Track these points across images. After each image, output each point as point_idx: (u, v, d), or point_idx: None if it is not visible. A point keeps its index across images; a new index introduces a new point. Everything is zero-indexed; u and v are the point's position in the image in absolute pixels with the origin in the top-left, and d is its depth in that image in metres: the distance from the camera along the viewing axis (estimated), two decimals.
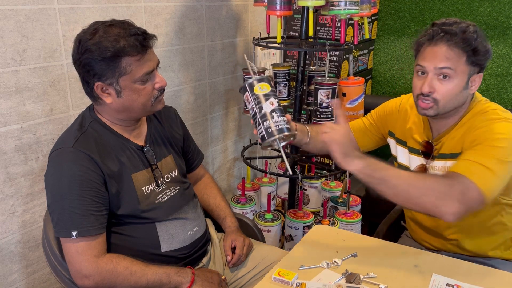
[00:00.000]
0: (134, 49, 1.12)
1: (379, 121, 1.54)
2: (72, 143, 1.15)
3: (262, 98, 1.13)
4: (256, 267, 1.41)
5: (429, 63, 1.26)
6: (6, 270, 1.58)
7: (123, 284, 1.15)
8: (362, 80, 2.01)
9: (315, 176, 2.36)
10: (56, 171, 1.15)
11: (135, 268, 1.16)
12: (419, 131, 1.41)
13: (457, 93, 1.26)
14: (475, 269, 1.16)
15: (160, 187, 1.29)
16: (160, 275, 1.17)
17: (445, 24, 1.26)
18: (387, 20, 2.99)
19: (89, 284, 1.13)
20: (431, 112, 1.28)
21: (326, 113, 2.03)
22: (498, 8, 2.63)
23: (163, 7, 1.98)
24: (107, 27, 1.13)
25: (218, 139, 2.51)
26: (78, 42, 1.14)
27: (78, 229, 1.11)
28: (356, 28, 1.98)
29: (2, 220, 1.54)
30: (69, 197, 1.11)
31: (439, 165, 1.35)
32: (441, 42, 1.24)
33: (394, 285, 1.09)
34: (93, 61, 1.12)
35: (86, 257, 1.12)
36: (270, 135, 1.11)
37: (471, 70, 1.25)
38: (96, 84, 1.15)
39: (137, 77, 1.15)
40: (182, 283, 1.19)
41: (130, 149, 1.25)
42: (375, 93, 3.18)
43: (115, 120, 1.24)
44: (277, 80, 2.19)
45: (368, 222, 2.38)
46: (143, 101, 1.19)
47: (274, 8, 1.89)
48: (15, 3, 1.45)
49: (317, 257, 1.19)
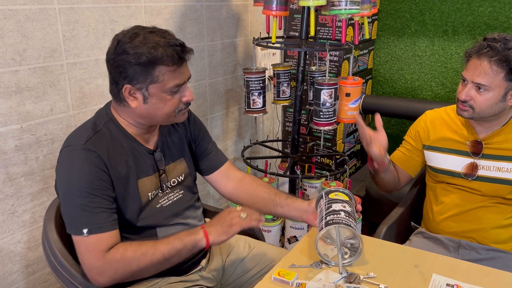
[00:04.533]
0: (170, 59, 1.12)
1: (415, 142, 1.66)
2: (84, 141, 1.15)
3: (334, 202, 1.18)
4: (256, 266, 1.41)
5: (469, 75, 1.40)
6: (6, 270, 1.58)
7: (140, 268, 1.12)
8: (362, 80, 2.02)
9: (315, 176, 2.36)
10: (67, 169, 1.14)
11: (145, 248, 1.13)
12: (461, 134, 1.54)
13: (493, 104, 1.39)
14: (475, 269, 1.16)
15: (165, 191, 1.29)
16: (172, 243, 1.14)
17: (494, 40, 1.36)
18: (387, 20, 2.99)
19: (104, 281, 1.10)
20: (466, 114, 1.44)
21: (329, 113, 2.03)
22: (498, 8, 2.63)
23: (163, 7, 1.98)
24: (148, 33, 1.12)
25: (218, 139, 2.51)
26: (116, 42, 1.14)
27: (89, 226, 1.10)
28: (356, 28, 1.98)
29: (2, 220, 1.54)
30: (80, 194, 1.11)
31: (488, 164, 1.48)
32: (484, 57, 1.36)
33: (394, 285, 1.09)
34: (128, 64, 1.11)
35: (94, 253, 1.10)
36: (328, 224, 1.12)
37: (509, 85, 1.37)
38: (125, 87, 1.14)
39: (168, 87, 1.15)
40: (197, 240, 1.15)
41: (141, 153, 1.24)
42: (375, 93, 3.18)
43: (133, 122, 1.23)
44: (280, 80, 2.19)
45: (368, 222, 2.38)
46: (168, 111, 1.19)
47: (271, 7, 1.89)
48: (15, 3, 1.45)
49: (316, 257, 1.19)
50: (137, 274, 1.14)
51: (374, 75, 3.14)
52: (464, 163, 1.52)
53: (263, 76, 2.15)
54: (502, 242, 1.50)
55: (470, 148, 1.51)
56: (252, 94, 2.13)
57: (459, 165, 1.53)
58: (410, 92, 3.04)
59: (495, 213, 1.49)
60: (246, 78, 2.13)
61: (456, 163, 1.53)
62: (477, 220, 1.51)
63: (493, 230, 1.49)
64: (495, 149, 1.48)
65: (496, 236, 1.49)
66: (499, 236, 1.49)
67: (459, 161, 1.53)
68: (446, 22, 2.80)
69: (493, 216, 1.49)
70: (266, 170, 2.31)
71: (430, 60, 2.92)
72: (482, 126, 1.50)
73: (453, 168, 1.54)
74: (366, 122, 3.22)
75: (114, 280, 1.12)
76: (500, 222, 1.49)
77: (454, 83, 2.86)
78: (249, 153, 2.68)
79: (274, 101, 2.27)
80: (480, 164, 1.49)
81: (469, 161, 1.51)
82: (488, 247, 1.49)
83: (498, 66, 1.34)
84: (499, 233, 1.49)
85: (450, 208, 1.56)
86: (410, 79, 3.02)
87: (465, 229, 1.52)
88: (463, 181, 1.53)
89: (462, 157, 1.52)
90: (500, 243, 1.49)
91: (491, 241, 1.49)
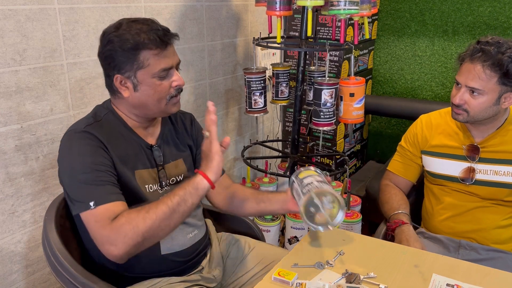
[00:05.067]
0: (153, 43, 1.14)
1: (413, 147, 1.65)
2: (83, 126, 1.17)
3: (305, 178, 1.21)
4: (256, 266, 1.41)
5: (462, 79, 1.41)
6: (6, 270, 1.58)
7: (147, 226, 1.07)
8: (364, 79, 2.01)
9: None
10: (68, 152, 1.15)
11: (147, 206, 1.09)
12: (456, 138, 1.53)
13: (487, 107, 1.39)
14: (475, 269, 1.16)
15: (164, 188, 1.28)
16: (173, 192, 1.11)
17: (487, 43, 1.36)
18: (387, 20, 2.99)
19: (118, 251, 1.07)
20: (461, 118, 1.45)
21: (329, 113, 2.03)
22: (498, 8, 2.63)
23: (163, 7, 1.98)
24: (131, 22, 1.17)
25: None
26: (102, 35, 1.18)
27: (96, 198, 1.10)
28: (356, 28, 1.98)
29: (2, 220, 1.54)
30: (83, 171, 1.11)
31: (485, 168, 1.48)
32: (478, 61, 1.36)
33: (394, 285, 1.09)
34: (114, 53, 1.15)
35: (102, 223, 1.08)
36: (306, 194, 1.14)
37: (502, 89, 1.36)
38: (116, 77, 1.18)
39: (155, 72, 1.17)
40: (197, 181, 1.12)
41: (139, 146, 1.26)
42: (375, 93, 3.18)
43: (131, 115, 1.25)
44: (279, 80, 2.19)
45: (368, 222, 2.38)
46: (158, 97, 1.20)
47: (274, 8, 1.89)
48: (15, 3, 1.45)
49: (316, 257, 1.19)
50: (148, 235, 1.08)
51: (374, 75, 3.14)
52: (461, 168, 1.52)
53: (264, 76, 2.15)
54: (502, 243, 1.50)
55: (466, 152, 1.51)
56: (253, 94, 2.13)
57: (456, 170, 1.52)
58: (410, 92, 3.04)
59: (494, 213, 1.49)
60: (247, 78, 2.13)
61: (453, 168, 1.53)
62: (476, 220, 1.51)
63: (492, 231, 1.49)
64: (491, 152, 1.48)
65: (496, 237, 1.49)
66: (499, 237, 1.49)
67: (456, 165, 1.53)
68: (446, 22, 2.81)
69: (492, 217, 1.49)
70: (266, 170, 2.31)
71: (430, 60, 2.92)
72: (477, 129, 1.50)
73: (450, 173, 1.54)
74: (366, 122, 3.22)
75: (128, 247, 1.07)
76: (499, 222, 1.49)
77: (454, 83, 2.86)
78: (249, 153, 2.68)
79: (272, 101, 2.27)
80: (477, 168, 1.49)
81: (466, 165, 1.51)
82: (488, 247, 1.49)
83: (492, 70, 1.33)
84: (499, 233, 1.49)
85: (449, 209, 1.56)
86: (410, 79, 3.02)
87: (465, 229, 1.52)
88: (460, 185, 1.53)
89: (458, 161, 1.52)
90: (500, 244, 1.49)
91: (491, 242, 1.49)
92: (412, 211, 1.64)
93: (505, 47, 1.34)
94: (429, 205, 1.63)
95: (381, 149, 3.29)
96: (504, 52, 1.33)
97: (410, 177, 1.67)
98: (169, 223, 1.10)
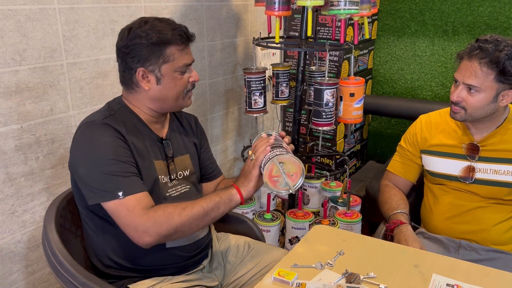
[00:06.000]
0: (179, 38, 1.22)
1: (413, 147, 1.65)
2: (101, 119, 1.20)
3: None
4: (255, 266, 1.41)
5: (460, 76, 1.41)
6: (6, 270, 1.58)
7: (181, 221, 1.14)
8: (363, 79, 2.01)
9: (315, 176, 2.36)
10: (87, 141, 1.17)
11: (184, 204, 1.17)
12: (456, 137, 1.54)
13: (484, 105, 1.39)
14: (475, 269, 1.16)
15: (173, 181, 1.31)
16: (209, 197, 1.20)
17: (485, 41, 1.37)
18: (387, 20, 2.99)
19: (150, 239, 1.13)
20: (458, 117, 1.45)
21: (331, 113, 2.03)
22: (498, 8, 2.63)
23: (163, 7, 1.98)
24: (155, 20, 1.23)
25: (218, 139, 2.51)
26: (128, 30, 1.22)
27: (124, 188, 1.13)
28: (356, 28, 1.98)
29: (2, 220, 1.54)
30: (107, 162, 1.14)
31: (485, 167, 1.48)
32: (475, 58, 1.36)
33: (394, 285, 1.09)
34: (141, 46, 1.19)
35: (137, 211, 1.12)
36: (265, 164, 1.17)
37: (500, 87, 1.37)
38: (139, 70, 1.21)
39: (178, 66, 1.23)
40: (232, 193, 1.21)
41: (151, 139, 1.29)
42: (375, 93, 3.18)
43: (145, 109, 1.28)
44: (279, 80, 2.19)
45: (368, 222, 2.38)
46: (178, 91, 1.26)
47: (273, 8, 1.89)
48: (15, 3, 1.45)
49: (316, 257, 1.19)
50: (180, 230, 1.15)
51: (374, 75, 3.14)
52: (461, 167, 1.52)
53: (263, 76, 2.15)
54: (502, 243, 1.50)
55: (466, 151, 1.51)
56: (253, 94, 2.13)
57: (456, 169, 1.53)
58: (410, 92, 3.04)
59: (494, 213, 1.49)
60: (247, 78, 2.13)
61: (452, 167, 1.53)
62: (476, 221, 1.51)
63: (492, 231, 1.49)
64: (491, 151, 1.48)
65: (496, 237, 1.49)
66: (499, 237, 1.49)
67: (456, 164, 1.53)
68: (446, 22, 2.81)
69: (492, 217, 1.49)
70: None
71: (430, 60, 2.92)
72: (476, 128, 1.50)
73: (450, 172, 1.54)
74: (366, 122, 3.22)
75: (159, 236, 1.13)
76: (498, 222, 1.49)
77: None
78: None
79: (272, 101, 2.27)
80: (477, 167, 1.49)
81: (465, 164, 1.51)
82: (488, 248, 1.49)
83: (489, 68, 1.34)
84: (498, 234, 1.49)
85: (449, 209, 1.56)
86: (410, 79, 3.02)
87: (465, 230, 1.52)
88: (460, 184, 1.53)
89: (458, 160, 1.52)
90: (500, 245, 1.49)
91: (491, 242, 1.49)
92: (412, 211, 1.64)
93: (503, 45, 1.34)
94: (428, 205, 1.63)
95: (381, 149, 3.29)
96: (502, 50, 1.33)
97: (409, 177, 1.67)
98: (198, 224, 1.19)
